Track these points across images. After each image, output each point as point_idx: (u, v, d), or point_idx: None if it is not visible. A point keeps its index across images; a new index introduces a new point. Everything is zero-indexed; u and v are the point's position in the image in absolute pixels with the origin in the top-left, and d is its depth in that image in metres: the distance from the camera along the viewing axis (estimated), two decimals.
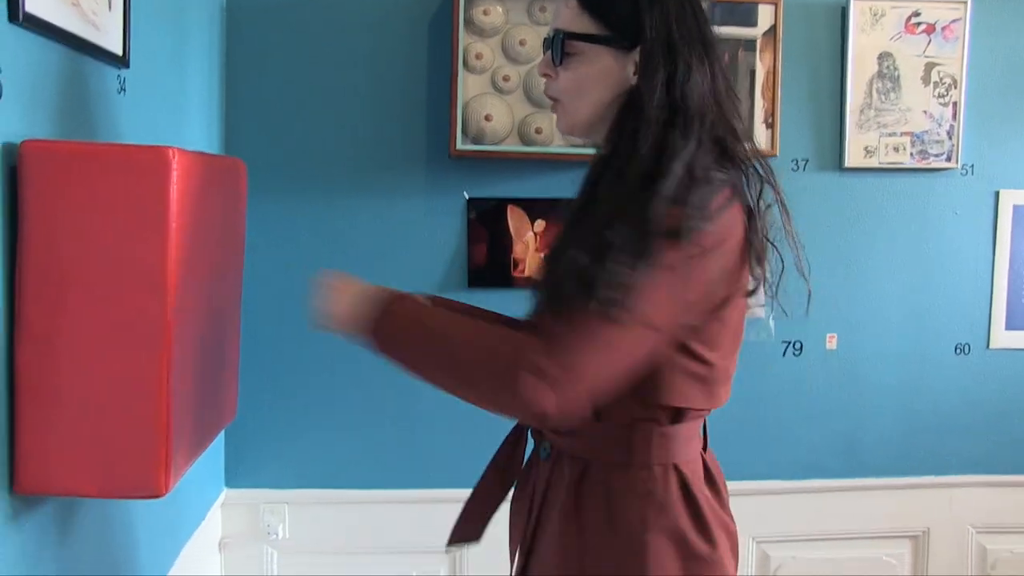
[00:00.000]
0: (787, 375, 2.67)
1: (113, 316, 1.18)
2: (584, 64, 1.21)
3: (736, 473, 2.63)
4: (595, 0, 1.21)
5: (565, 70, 1.23)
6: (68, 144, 1.24)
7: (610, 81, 1.20)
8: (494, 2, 2.43)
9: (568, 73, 1.23)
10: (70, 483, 1.22)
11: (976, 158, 2.70)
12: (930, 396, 2.72)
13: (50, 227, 1.17)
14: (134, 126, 1.65)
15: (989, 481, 2.76)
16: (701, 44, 1.19)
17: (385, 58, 2.47)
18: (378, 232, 2.48)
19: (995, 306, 2.73)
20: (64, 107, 1.35)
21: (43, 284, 1.17)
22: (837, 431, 2.69)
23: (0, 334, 1.17)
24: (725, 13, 2.57)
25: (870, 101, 2.65)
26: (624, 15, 1.18)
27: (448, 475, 2.48)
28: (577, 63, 1.22)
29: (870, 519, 2.71)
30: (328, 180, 2.46)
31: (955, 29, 2.65)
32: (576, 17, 1.22)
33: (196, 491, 2.22)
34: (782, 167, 2.62)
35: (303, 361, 2.49)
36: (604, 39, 1.20)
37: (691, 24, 1.19)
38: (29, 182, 1.16)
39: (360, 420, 2.52)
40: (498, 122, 2.44)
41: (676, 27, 1.17)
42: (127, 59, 1.56)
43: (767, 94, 2.59)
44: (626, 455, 1.21)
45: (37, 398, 1.19)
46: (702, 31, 1.21)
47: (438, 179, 2.49)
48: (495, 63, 2.44)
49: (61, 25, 1.29)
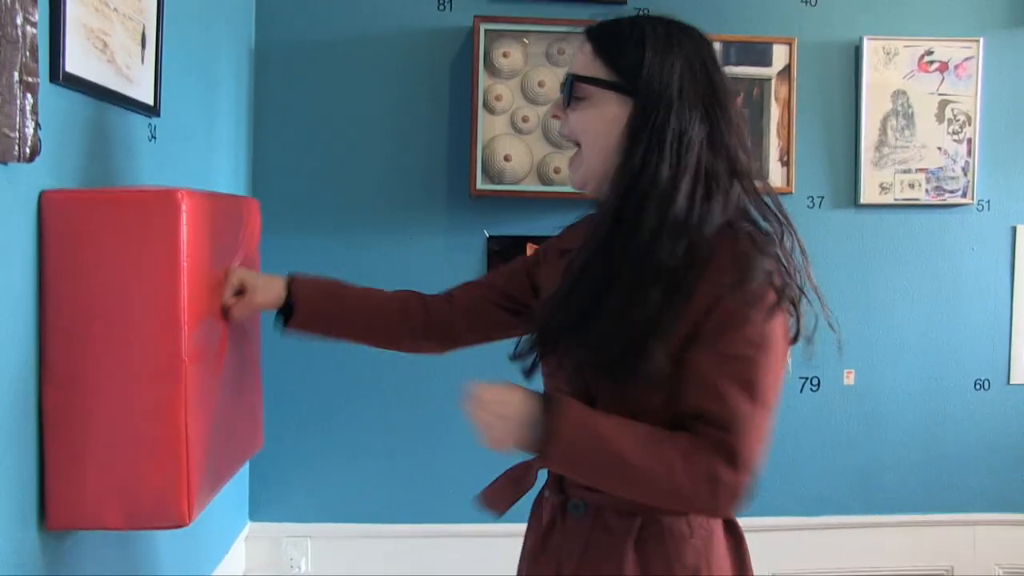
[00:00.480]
0: (805, 411, 2.68)
1: (132, 354, 1.24)
2: (591, 108, 1.22)
3: (754, 509, 2.65)
4: (607, 46, 1.22)
5: (573, 112, 1.25)
6: (83, 192, 1.30)
7: (615, 128, 1.20)
8: (513, 45, 2.50)
9: (576, 115, 1.24)
10: (97, 517, 1.26)
11: (992, 194, 2.71)
12: (950, 432, 2.72)
13: (71, 272, 1.23)
14: (164, 171, 1.71)
15: (1015, 520, 2.74)
16: (711, 97, 1.20)
17: (407, 99, 2.54)
18: (400, 269, 2.53)
19: (1015, 341, 2.73)
20: (97, 156, 1.41)
21: (66, 327, 1.23)
22: (855, 467, 2.69)
23: (29, 377, 1.22)
24: (740, 52, 2.62)
25: (885, 138, 2.68)
26: (632, 63, 1.19)
27: (470, 510, 2.49)
28: (585, 106, 1.23)
29: (891, 556, 2.70)
30: (351, 218, 2.53)
31: (968, 67, 2.67)
32: (589, 62, 1.24)
33: (220, 524, 2.27)
34: (798, 204, 2.65)
35: (326, 396, 2.54)
36: (611, 84, 1.21)
37: (700, 77, 1.20)
38: (50, 230, 1.22)
39: (382, 454, 2.56)
40: (517, 162, 2.49)
41: (682, 80, 1.18)
42: (158, 108, 1.63)
43: (782, 132, 2.63)
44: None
45: (64, 438, 1.24)
46: (713, 84, 1.21)
47: (459, 218, 2.55)
48: (514, 104, 2.50)
49: (97, 81, 1.36)
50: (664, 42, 1.20)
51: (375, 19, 2.52)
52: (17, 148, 1.10)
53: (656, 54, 1.19)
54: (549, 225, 2.55)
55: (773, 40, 2.63)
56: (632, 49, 1.20)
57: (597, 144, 1.22)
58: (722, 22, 2.62)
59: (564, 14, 2.52)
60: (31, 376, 1.22)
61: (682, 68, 1.19)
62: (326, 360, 2.51)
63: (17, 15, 1.08)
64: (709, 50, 1.24)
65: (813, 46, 2.66)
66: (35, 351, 1.23)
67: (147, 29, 1.57)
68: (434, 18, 2.53)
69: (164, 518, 1.27)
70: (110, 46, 1.42)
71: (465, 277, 2.51)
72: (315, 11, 2.51)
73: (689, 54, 1.21)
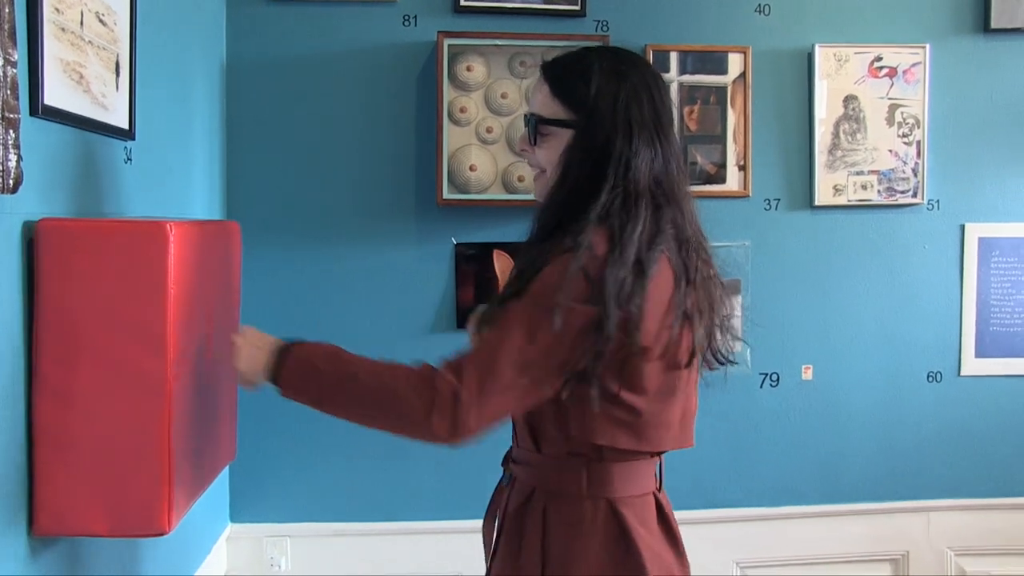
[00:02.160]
0: (765, 406, 2.79)
1: (119, 371, 1.32)
2: (556, 142, 1.37)
3: (718, 500, 2.79)
4: (561, 87, 1.37)
5: (540, 147, 1.40)
6: (78, 221, 1.38)
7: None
8: (476, 58, 2.59)
9: (542, 150, 1.40)
10: (83, 524, 1.35)
11: (941, 194, 2.83)
12: (905, 423, 2.83)
13: (63, 293, 1.31)
14: (140, 190, 1.79)
15: (966, 505, 2.86)
16: (654, 124, 1.33)
17: (375, 113, 2.62)
18: (371, 278, 2.62)
19: (965, 334, 2.85)
20: (76, 180, 1.49)
21: (57, 343, 1.32)
22: (815, 458, 2.80)
23: (20, 389, 1.31)
24: (697, 61, 2.73)
25: (838, 142, 2.79)
26: (581, 100, 1.34)
27: (445, 508, 2.60)
28: (549, 142, 1.38)
29: (850, 543, 2.82)
30: (322, 230, 2.61)
31: (916, 72, 2.79)
32: (548, 101, 1.39)
33: (202, 527, 2.35)
34: (755, 207, 2.76)
35: None
36: (567, 123, 1.36)
37: (644, 105, 1.33)
38: (44, 255, 1.31)
39: (359, 455, 2.64)
40: (482, 171, 2.59)
41: (627, 109, 1.31)
42: (133, 132, 1.71)
43: (739, 138, 2.73)
44: (560, 485, 1.35)
45: (53, 446, 1.32)
46: (656, 111, 1.34)
47: (427, 227, 2.63)
48: (479, 116, 2.59)
49: (74, 111, 1.44)
50: (610, 74, 1.34)
51: (342, 35, 2.60)
52: (1, 180, 1.18)
53: (604, 85, 1.33)
54: (514, 232, 2.68)
55: (729, 49, 2.73)
56: (583, 84, 1.34)
57: (559, 170, 1.37)
58: (680, 32, 2.72)
59: (525, 28, 2.62)
60: (22, 391, 1.31)
61: (627, 97, 1.32)
62: None
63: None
64: (654, 79, 1.38)
65: (767, 54, 2.76)
66: (25, 367, 1.31)
67: (120, 57, 1.65)
68: (400, 33, 2.61)
69: (146, 527, 1.36)
70: (86, 77, 1.49)
71: (435, 282, 2.65)
72: (285, 27, 2.58)
73: (635, 84, 1.34)
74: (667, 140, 1.34)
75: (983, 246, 2.85)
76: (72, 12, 1.43)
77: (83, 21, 1.48)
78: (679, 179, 1.34)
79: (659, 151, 1.33)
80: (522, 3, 2.63)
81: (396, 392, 1.25)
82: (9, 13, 1.17)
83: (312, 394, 1.34)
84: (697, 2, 2.74)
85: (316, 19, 2.59)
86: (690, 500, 2.66)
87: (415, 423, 1.25)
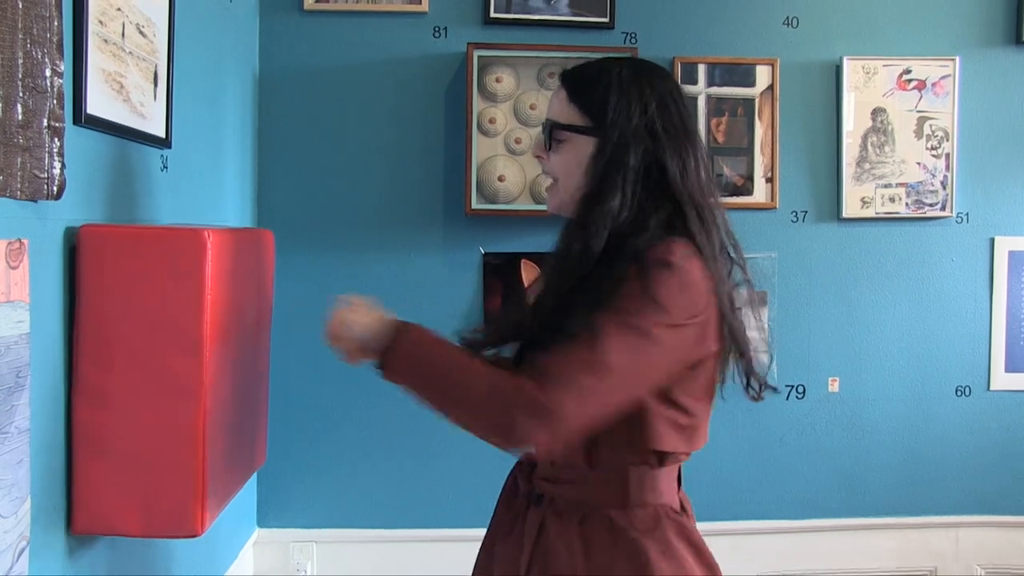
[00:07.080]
0: (791, 418, 2.78)
1: (157, 375, 1.35)
2: (572, 150, 1.35)
3: (743, 512, 2.78)
4: (579, 93, 1.35)
5: (555, 154, 1.37)
6: (119, 228, 1.42)
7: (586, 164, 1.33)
8: (505, 70, 2.61)
9: (557, 157, 1.37)
10: (118, 524, 1.38)
11: (970, 207, 2.81)
12: (932, 437, 2.81)
13: (103, 298, 1.34)
14: (175, 198, 1.83)
15: (996, 521, 2.84)
16: (675, 134, 1.32)
17: (405, 123, 2.66)
18: (399, 285, 2.64)
19: (994, 349, 2.83)
20: (114, 187, 1.53)
21: (96, 347, 1.35)
22: (841, 471, 2.79)
23: (60, 391, 1.34)
24: (725, 74, 2.73)
25: (865, 154, 2.78)
26: (600, 107, 1.32)
27: (470, 515, 2.61)
28: (565, 149, 1.36)
29: (877, 557, 2.80)
30: (351, 238, 2.64)
31: (945, 85, 2.78)
32: (565, 107, 1.36)
33: (230, 531, 2.38)
34: (782, 219, 2.76)
35: (330, 408, 2.65)
36: (586, 129, 1.33)
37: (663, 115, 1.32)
38: (85, 260, 1.34)
39: (386, 462, 2.67)
40: (511, 182, 2.61)
41: (644, 118, 1.31)
42: (169, 140, 1.75)
43: (766, 150, 2.74)
44: (623, 497, 1.33)
45: (91, 448, 1.35)
46: (674, 122, 1.33)
47: (455, 236, 2.66)
48: (507, 126, 2.62)
49: (114, 120, 1.47)
50: (629, 84, 1.32)
51: (373, 46, 2.64)
52: (46, 187, 1.21)
53: (622, 96, 1.32)
54: (542, 242, 2.68)
55: (756, 61, 2.74)
56: (601, 93, 1.33)
57: (572, 180, 1.35)
58: (708, 44, 2.73)
59: (554, 40, 2.64)
60: (62, 393, 1.34)
61: (644, 108, 1.31)
62: (331, 372, 2.61)
63: (47, 68, 1.19)
64: (677, 88, 1.37)
65: (795, 66, 2.76)
66: (65, 370, 1.34)
67: (159, 67, 1.69)
68: (430, 45, 2.64)
69: (179, 529, 1.39)
70: (126, 86, 1.53)
71: (463, 291, 2.67)
72: (316, 38, 2.62)
73: (654, 94, 1.33)
74: (697, 148, 1.34)
75: (1013, 259, 2.83)
76: (114, 24, 1.47)
77: (124, 33, 1.52)
78: (710, 188, 1.35)
79: (691, 159, 1.33)
80: (551, 15, 2.65)
81: (502, 404, 1.22)
82: (58, 26, 1.21)
83: (416, 385, 1.30)
84: (725, 14, 2.75)
85: (347, 30, 2.63)
86: (715, 511, 2.66)
87: (517, 439, 1.24)
